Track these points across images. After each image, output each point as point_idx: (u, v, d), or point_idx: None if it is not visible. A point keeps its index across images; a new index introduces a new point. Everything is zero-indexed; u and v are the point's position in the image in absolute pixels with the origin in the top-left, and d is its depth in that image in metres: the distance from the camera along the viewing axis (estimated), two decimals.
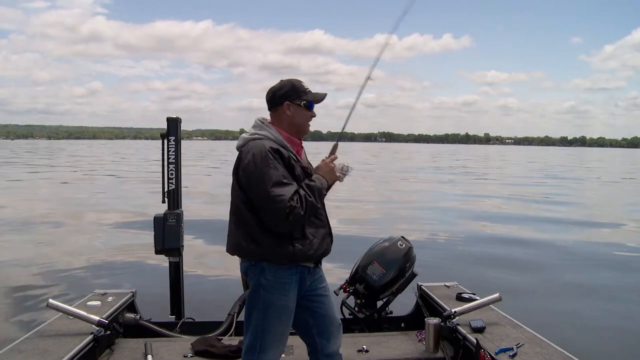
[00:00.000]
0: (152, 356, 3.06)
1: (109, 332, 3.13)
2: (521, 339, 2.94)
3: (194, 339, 3.34)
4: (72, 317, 3.19)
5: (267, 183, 2.10)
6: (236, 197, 2.25)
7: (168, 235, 3.98)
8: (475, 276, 6.25)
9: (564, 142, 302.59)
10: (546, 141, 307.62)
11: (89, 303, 3.57)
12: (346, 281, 3.73)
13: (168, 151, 4.07)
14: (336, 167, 2.35)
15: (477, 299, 3.55)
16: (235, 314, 3.75)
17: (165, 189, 4.08)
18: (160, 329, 3.65)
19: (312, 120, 2.37)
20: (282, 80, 2.34)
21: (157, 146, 4.10)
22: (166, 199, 4.09)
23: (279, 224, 2.12)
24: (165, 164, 4.07)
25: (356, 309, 3.69)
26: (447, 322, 3.25)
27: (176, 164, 4.08)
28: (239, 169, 2.22)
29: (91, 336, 3.01)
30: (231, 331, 3.64)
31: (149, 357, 3.04)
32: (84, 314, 3.18)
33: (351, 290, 3.69)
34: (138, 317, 3.74)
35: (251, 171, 2.15)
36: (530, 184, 22.85)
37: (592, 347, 4.41)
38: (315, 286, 2.36)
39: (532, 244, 9.10)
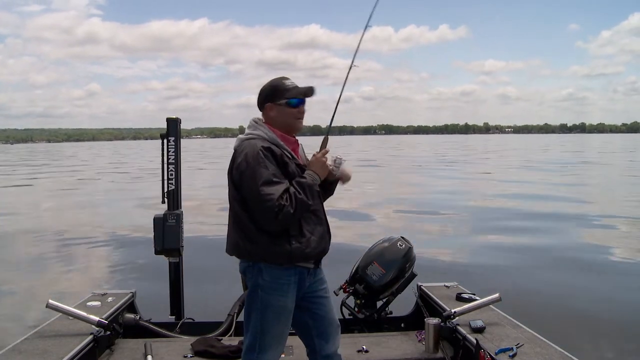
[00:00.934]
0: (152, 356, 3.06)
1: (108, 333, 3.13)
2: (521, 339, 2.94)
3: (193, 339, 3.35)
4: (71, 318, 3.19)
5: (257, 182, 2.11)
6: (232, 197, 2.27)
7: (168, 235, 3.98)
8: (475, 276, 6.25)
9: (563, 129, 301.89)
10: (546, 129, 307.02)
11: (88, 303, 3.58)
12: (346, 281, 3.73)
13: (168, 151, 4.07)
14: (328, 160, 2.35)
15: (477, 299, 3.55)
16: (235, 314, 3.76)
17: (165, 190, 4.08)
18: (160, 330, 3.65)
19: (303, 116, 2.35)
20: (270, 80, 2.35)
21: (159, 146, 4.09)
22: (166, 200, 4.10)
23: (269, 222, 2.13)
24: (165, 164, 4.07)
25: (356, 309, 3.69)
26: (447, 323, 3.24)
27: (176, 164, 4.08)
28: (233, 169, 2.24)
29: (91, 336, 3.01)
30: (231, 331, 3.64)
31: (149, 357, 3.05)
32: (83, 314, 3.18)
33: (351, 291, 3.69)
34: (138, 317, 3.74)
35: (243, 170, 2.17)
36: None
37: (592, 347, 4.41)
38: (316, 287, 2.36)
39: (532, 243, 9.09)
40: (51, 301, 3.20)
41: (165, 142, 4.06)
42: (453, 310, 3.30)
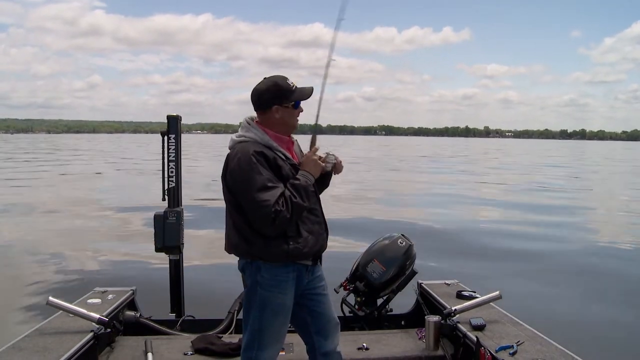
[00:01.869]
0: (152, 354, 3.06)
1: (109, 330, 3.13)
2: (521, 337, 2.94)
3: (194, 336, 3.34)
4: (72, 315, 3.19)
5: (252, 188, 2.10)
6: (227, 200, 2.27)
7: (168, 233, 3.98)
8: (475, 274, 6.24)
9: (563, 135, 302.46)
10: (546, 134, 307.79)
11: (89, 301, 3.57)
12: (346, 279, 3.73)
13: (168, 149, 4.07)
14: (320, 157, 2.34)
15: (477, 297, 3.55)
16: (235, 311, 3.75)
17: (166, 187, 4.08)
18: (160, 327, 3.65)
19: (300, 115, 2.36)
20: (266, 78, 2.30)
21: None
22: (166, 197, 4.10)
23: (266, 228, 2.13)
24: (166, 161, 4.07)
25: (356, 306, 3.69)
26: (448, 320, 3.24)
27: (176, 161, 4.07)
28: (227, 173, 2.23)
29: (91, 334, 3.00)
30: (231, 329, 3.64)
31: (149, 354, 3.04)
32: (84, 311, 3.17)
33: (351, 288, 3.69)
34: (138, 314, 3.74)
35: (236, 176, 2.16)
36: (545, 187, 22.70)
37: (592, 345, 4.40)
38: (314, 285, 2.36)
39: (532, 243, 9.08)
40: (51, 298, 3.20)
41: (166, 139, 4.06)
42: (453, 308, 3.30)
